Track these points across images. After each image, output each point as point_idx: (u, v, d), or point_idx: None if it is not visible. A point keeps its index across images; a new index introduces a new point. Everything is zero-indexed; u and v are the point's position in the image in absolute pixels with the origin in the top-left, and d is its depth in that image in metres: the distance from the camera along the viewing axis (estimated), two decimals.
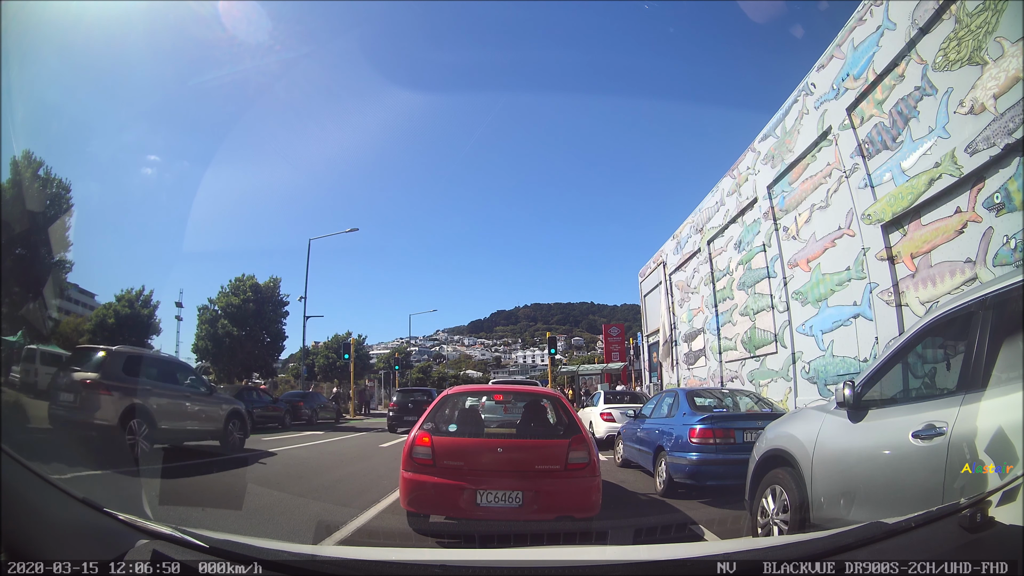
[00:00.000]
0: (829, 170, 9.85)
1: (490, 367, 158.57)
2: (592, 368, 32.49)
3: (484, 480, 4.25)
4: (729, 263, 13.77)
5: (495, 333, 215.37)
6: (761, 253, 12.06)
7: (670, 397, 7.80)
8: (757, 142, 12.39)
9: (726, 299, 13.93)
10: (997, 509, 1.81)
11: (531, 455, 4.55)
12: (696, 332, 15.98)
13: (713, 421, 6.28)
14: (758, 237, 12.23)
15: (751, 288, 12.55)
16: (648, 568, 1.96)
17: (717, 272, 14.55)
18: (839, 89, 9.49)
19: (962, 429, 2.34)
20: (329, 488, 6.75)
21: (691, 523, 4.97)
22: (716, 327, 14.33)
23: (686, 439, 6.25)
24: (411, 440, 4.54)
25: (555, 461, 4.43)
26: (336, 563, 1.92)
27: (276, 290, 24.46)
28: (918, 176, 7.52)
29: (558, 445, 4.56)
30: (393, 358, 46.87)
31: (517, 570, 1.94)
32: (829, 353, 9.61)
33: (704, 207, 15.56)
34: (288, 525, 4.74)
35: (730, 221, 13.64)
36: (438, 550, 3.55)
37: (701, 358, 15.55)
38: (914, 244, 7.78)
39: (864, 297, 8.80)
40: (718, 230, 14.36)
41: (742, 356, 12.90)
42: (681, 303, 17.48)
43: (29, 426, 8.78)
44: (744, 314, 12.84)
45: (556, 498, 4.30)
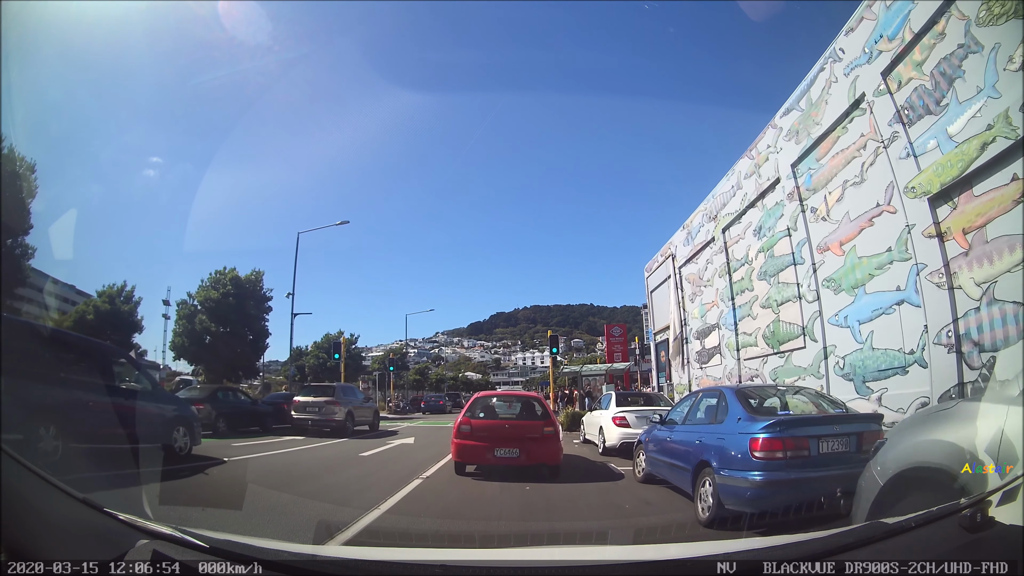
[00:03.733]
0: (863, 141, 8.84)
1: (489, 369, 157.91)
2: (595, 368, 31.09)
3: (498, 443, 7.72)
4: (748, 251, 12.70)
5: (495, 335, 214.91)
6: (785, 238, 11.00)
7: (711, 398, 6.36)
8: (778, 117, 11.35)
9: (744, 291, 12.85)
10: (997, 509, 1.79)
11: (523, 429, 7.99)
12: (710, 328, 14.90)
13: (782, 428, 4.89)
14: (781, 221, 11.16)
15: (774, 277, 11.48)
16: (648, 568, 1.96)
17: (734, 262, 13.47)
18: (871, 53, 8.56)
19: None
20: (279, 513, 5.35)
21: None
22: (733, 322, 13.25)
23: (745, 453, 4.90)
24: (459, 421, 8.10)
25: (536, 432, 7.87)
26: (336, 563, 1.93)
27: (259, 284, 22.96)
28: (968, 141, 6.66)
29: (538, 424, 8.06)
30: (388, 359, 45.38)
31: (517, 570, 1.96)
32: (868, 346, 8.54)
33: (718, 192, 14.49)
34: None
35: (748, 206, 12.57)
36: (438, 550, 3.52)
37: (715, 356, 14.46)
38: (966, 218, 6.85)
39: (909, 280, 7.75)
40: (735, 216, 13.29)
41: (763, 352, 11.83)
42: (692, 298, 16.39)
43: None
44: (766, 306, 11.77)
45: (537, 453, 7.72)
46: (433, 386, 79.41)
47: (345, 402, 15.53)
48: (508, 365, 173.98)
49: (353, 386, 23.13)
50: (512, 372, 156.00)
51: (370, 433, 16.11)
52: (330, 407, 14.84)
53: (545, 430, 7.87)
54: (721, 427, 5.57)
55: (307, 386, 19.38)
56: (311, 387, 18.09)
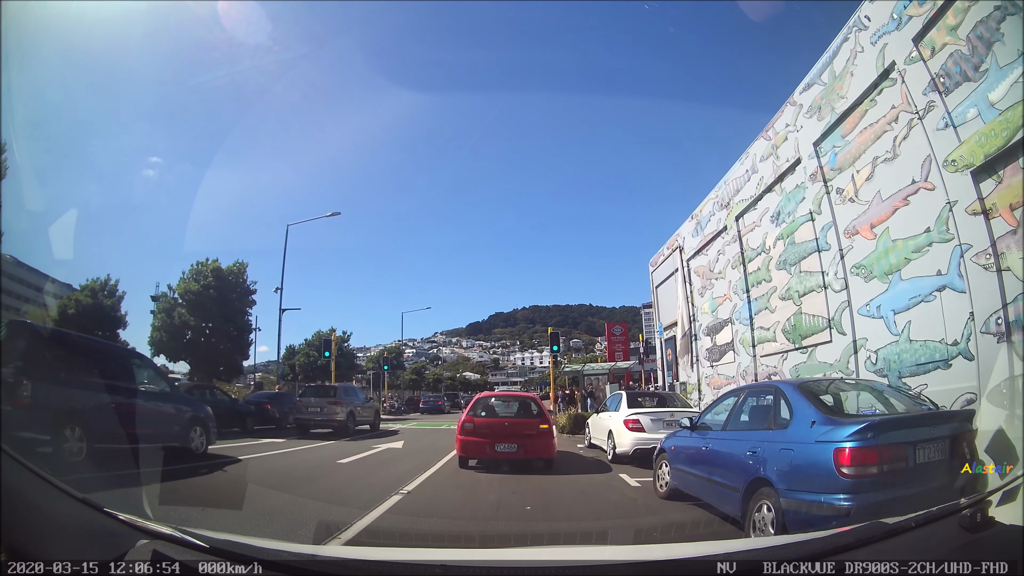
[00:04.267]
0: (895, 114, 8.06)
1: (488, 369, 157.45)
2: (598, 368, 29.71)
3: (498, 439, 8.41)
4: (765, 239, 11.88)
5: (493, 335, 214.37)
6: (808, 223, 10.19)
7: (763, 396, 5.27)
8: (797, 94, 10.54)
9: (761, 282, 12.04)
10: (997, 509, 1.79)
11: (521, 427, 8.72)
12: (722, 323, 14.07)
13: (877, 433, 3.78)
14: (803, 205, 10.36)
15: (795, 266, 10.66)
16: (648, 568, 1.95)
17: (748, 252, 12.64)
18: (901, 18, 7.88)
19: None
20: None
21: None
22: (748, 315, 12.43)
23: (826, 468, 3.81)
24: (463, 419, 8.86)
25: (532, 429, 8.63)
26: (337, 563, 1.94)
27: (242, 276, 21.55)
28: (1012, 108, 6.05)
29: (534, 422, 8.85)
30: (382, 358, 43.75)
31: (517, 570, 1.96)
32: (904, 337, 7.73)
33: (731, 178, 13.66)
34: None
35: (765, 190, 11.75)
36: (438, 550, 3.45)
37: (728, 353, 13.63)
38: (1013, 192, 6.15)
39: (952, 263, 6.97)
40: (750, 202, 12.46)
41: (783, 348, 11.02)
42: (702, 291, 15.56)
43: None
44: (786, 298, 10.96)
45: (533, 448, 8.46)
46: (430, 386, 78.18)
47: (347, 402, 15.91)
48: (507, 365, 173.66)
49: (355, 387, 23.12)
50: (511, 372, 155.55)
51: (370, 433, 16.38)
52: (332, 407, 15.19)
53: (540, 427, 8.76)
54: (784, 434, 4.46)
55: (310, 387, 19.28)
56: (314, 387, 18.41)
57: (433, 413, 36.97)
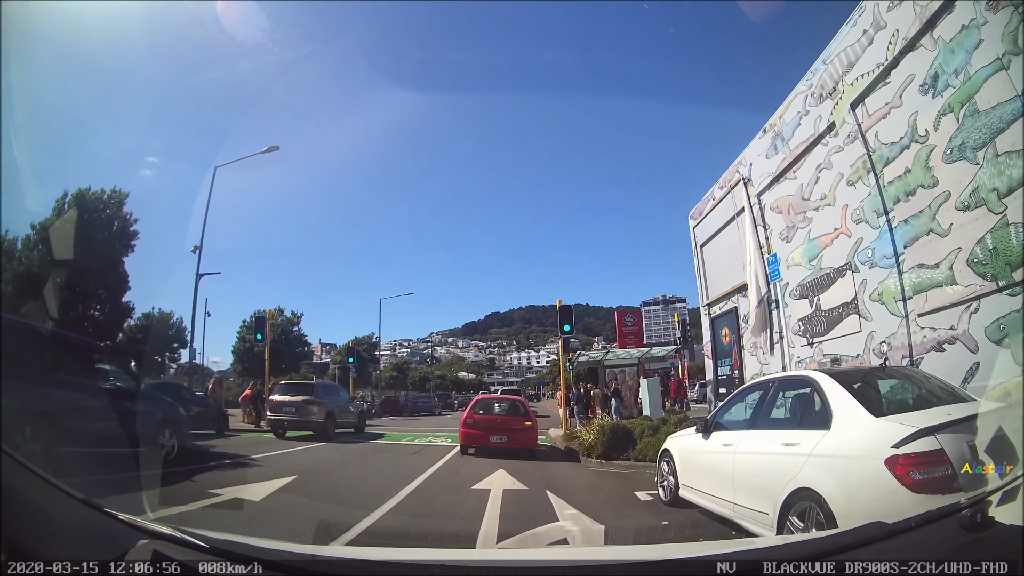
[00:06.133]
0: None
1: (484, 369, 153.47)
2: (622, 355, 21.29)
3: (493, 432, 10.89)
4: (912, 123, 7.03)
5: (489, 335, 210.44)
6: (999, 74, 5.53)
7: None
8: None
9: (917, 189, 7.29)
10: (997, 509, 1.76)
11: (510, 422, 11.30)
12: (832, 275, 9.13)
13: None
14: (983, 49, 5.69)
15: (983, 150, 5.93)
16: (648, 568, 1.93)
17: (881, 150, 7.90)
18: None
19: None
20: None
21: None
22: (892, 251, 7.67)
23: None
24: (464, 417, 11.50)
25: (519, 424, 11.20)
26: (337, 563, 1.94)
27: (118, 209, 16.29)
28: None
29: (520, 419, 11.42)
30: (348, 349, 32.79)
31: (517, 570, 1.97)
32: None
33: (832, 54, 8.89)
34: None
35: (906, 47, 6.99)
36: (438, 550, 3.26)
37: (849, 318, 8.72)
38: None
39: None
40: (878, 73, 7.65)
41: (969, 293, 6.25)
42: (787, 235, 10.69)
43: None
44: (970, 206, 6.22)
45: (519, 439, 10.85)
46: (416, 385, 71.40)
47: (326, 402, 14.35)
48: (503, 365, 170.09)
49: (336, 384, 20.13)
50: (507, 372, 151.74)
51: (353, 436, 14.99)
52: (308, 407, 13.76)
53: (525, 423, 11.20)
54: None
55: (284, 383, 16.48)
56: (288, 385, 15.90)
57: (417, 416, 31.54)
